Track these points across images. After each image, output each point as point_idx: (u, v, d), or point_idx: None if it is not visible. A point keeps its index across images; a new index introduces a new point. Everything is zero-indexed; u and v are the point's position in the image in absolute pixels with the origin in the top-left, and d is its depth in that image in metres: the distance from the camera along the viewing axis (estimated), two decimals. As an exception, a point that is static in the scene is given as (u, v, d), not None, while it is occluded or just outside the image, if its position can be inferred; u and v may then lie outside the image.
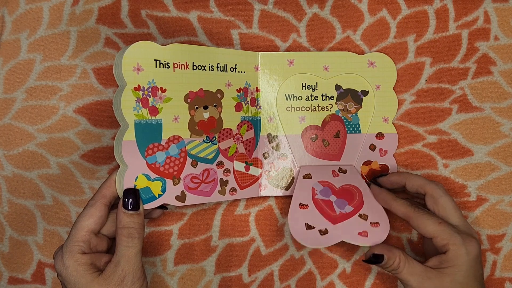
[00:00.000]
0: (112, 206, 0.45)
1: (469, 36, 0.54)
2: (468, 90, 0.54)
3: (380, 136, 0.53)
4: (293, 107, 0.52)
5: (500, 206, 0.54)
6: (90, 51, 0.52)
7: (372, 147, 0.53)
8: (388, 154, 0.53)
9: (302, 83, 0.52)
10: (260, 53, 0.51)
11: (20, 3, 0.51)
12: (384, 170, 0.53)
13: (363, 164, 0.53)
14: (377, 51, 0.53)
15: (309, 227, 0.48)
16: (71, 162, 0.52)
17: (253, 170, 0.52)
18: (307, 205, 0.49)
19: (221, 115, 0.49)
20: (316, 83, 0.52)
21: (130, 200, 0.42)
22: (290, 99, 0.52)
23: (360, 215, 0.48)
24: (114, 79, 0.52)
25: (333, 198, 0.49)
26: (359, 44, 0.53)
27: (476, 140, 0.54)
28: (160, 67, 0.45)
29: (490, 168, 0.54)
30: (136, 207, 0.43)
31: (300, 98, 0.52)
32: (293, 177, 0.52)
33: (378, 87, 0.52)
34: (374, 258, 0.46)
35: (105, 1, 0.52)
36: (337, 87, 0.52)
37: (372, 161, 0.53)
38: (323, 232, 0.47)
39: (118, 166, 0.45)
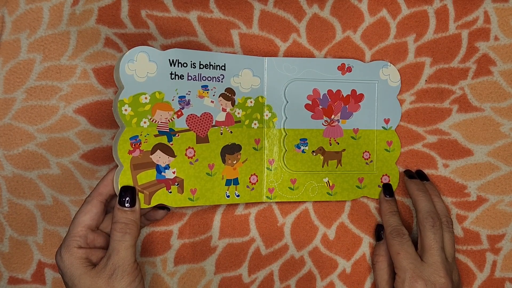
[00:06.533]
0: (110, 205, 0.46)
1: (469, 36, 0.54)
2: (468, 90, 0.54)
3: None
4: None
5: (500, 206, 0.54)
6: (90, 51, 0.52)
7: None
8: None
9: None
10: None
11: (20, 3, 0.51)
12: None
13: None
14: (377, 50, 0.53)
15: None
16: (71, 162, 0.52)
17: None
18: None
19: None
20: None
21: (127, 198, 0.43)
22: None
23: None
24: (114, 79, 0.52)
25: None
26: (359, 44, 0.53)
27: (476, 140, 0.54)
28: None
29: (490, 168, 0.54)
30: (132, 203, 0.43)
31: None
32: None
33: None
34: (385, 187, 0.52)
35: (105, 1, 0.52)
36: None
37: None
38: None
39: (117, 166, 0.45)
